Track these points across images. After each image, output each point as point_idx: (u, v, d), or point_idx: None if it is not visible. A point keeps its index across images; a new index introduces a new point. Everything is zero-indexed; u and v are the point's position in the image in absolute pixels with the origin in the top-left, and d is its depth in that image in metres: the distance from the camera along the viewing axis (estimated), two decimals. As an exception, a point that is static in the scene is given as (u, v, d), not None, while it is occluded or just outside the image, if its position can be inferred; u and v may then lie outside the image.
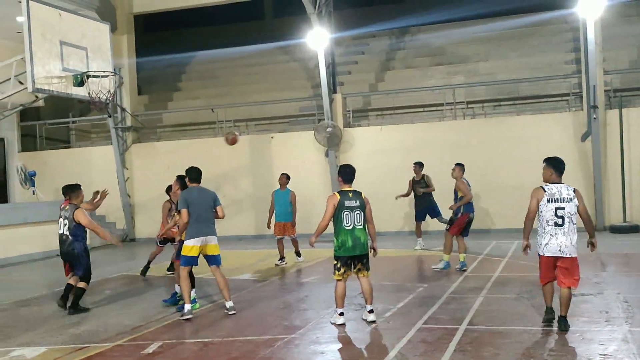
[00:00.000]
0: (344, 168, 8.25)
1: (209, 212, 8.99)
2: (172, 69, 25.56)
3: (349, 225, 7.81)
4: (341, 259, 7.83)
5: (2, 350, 7.54)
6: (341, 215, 7.81)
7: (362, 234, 7.87)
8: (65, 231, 9.71)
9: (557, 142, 17.33)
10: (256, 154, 19.87)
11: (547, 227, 7.30)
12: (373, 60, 23.09)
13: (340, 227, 7.81)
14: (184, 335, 7.97)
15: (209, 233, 8.92)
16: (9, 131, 21.88)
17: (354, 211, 7.87)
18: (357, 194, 8.02)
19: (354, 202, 7.90)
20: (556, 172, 7.71)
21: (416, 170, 15.10)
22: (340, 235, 7.81)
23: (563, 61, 20.11)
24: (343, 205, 7.83)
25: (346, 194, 7.94)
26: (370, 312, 7.96)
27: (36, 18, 10.93)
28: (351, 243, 7.78)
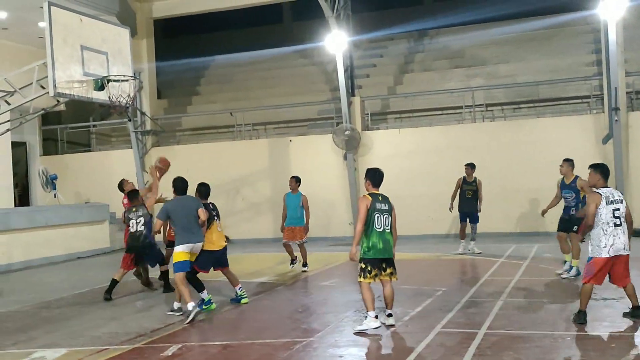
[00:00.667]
0: (373, 172, 8.13)
1: (193, 220, 9.14)
2: (191, 73, 25.70)
3: (380, 227, 7.72)
4: (371, 262, 7.73)
5: (23, 352, 7.62)
6: (373, 217, 7.72)
7: (391, 237, 7.83)
8: (140, 227, 10.80)
9: (577, 144, 17.17)
10: (275, 157, 19.91)
11: (609, 229, 7.53)
12: (391, 63, 23.04)
13: (372, 229, 7.71)
14: (203, 338, 8.00)
15: (196, 240, 9.17)
16: (31, 135, 22.15)
17: (384, 214, 7.80)
18: (385, 198, 7.97)
19: (384, 206, 7.83)
20: (603, 177, 7.95)
21: (468, 172, 14.55)
22: (372, 237, 7.71)
23: (584, 63, 19.92)
24: (375, 207, 7.75)
25: (377, 197, 7.87)
26: (389, 315, 7.90)
27: (58, 23, 11.03)
28: (382, 245, 7.71)
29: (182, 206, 9.21)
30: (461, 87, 19.77)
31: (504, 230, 17.45)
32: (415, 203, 18.31)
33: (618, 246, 7.52)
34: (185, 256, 9.04)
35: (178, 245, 9.05)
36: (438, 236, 17.86)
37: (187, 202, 9.30)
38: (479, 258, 13.72)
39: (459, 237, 14.99)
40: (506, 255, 13.83)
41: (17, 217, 16.34)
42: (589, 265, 7.66)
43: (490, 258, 13.50)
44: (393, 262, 7.91)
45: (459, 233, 14.81)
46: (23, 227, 16.16)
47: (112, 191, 20.70)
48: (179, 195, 9.38)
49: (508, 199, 17.49)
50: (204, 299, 9.19)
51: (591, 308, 8.41)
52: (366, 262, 7.75)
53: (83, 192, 21.46)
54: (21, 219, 16.32)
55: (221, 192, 19.78)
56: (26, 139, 22.02)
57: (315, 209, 18.48)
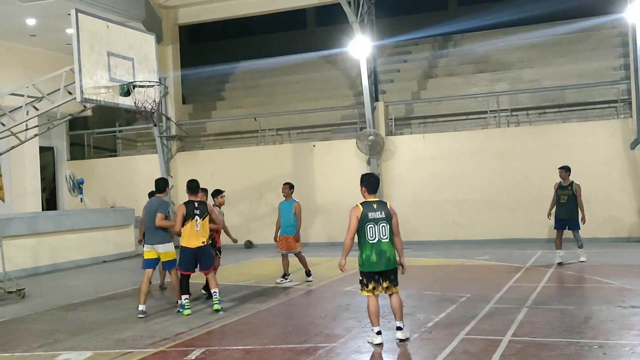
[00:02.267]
0: (367, 177, 7.71)
1: (153, 222, 9.83)
2: (216, 79, 25.89)
3: (373, 238, 7.30)
4: (366, 275, 7.38)
5: (49, 354, 7.72)
6: (365, 228, 7.31)
7: (389, 247, 7.35)
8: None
9: (604, 150, 16.97)
10: (298, 162, 19.95)
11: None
12: (415, 68, 22.97)
13: (364, 241, 7.33)
14: (226, 342, 8.03)
15: (154, 242, 9.85)
16: (58, 140, 22.49)
17: (379, 223, 7.33)
18: (382, 204, 7.48)
19: (378, 214, 7.36)
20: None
21: (562, 175, 13.64)
22: (365, 249, 7.33)
23: (611, 67, 19.67)
24: (366, 217, 7.33)
25: (370, 205, 7.42)
26: (398, 329, 7.47)
27: (85, 30, 11.17)
28: (376, 258, 7.28)
29: (149, 207, 10.08)
30: (486, 92, 19.64)
31: (529, 237, 17.27)
32: (440, 208, 18.23)
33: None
34: (149, 255, 9.91)
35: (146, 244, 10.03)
36: (462, 242, 17.73)
37: (154, 203, 10.08)
38: (504, 264, 13.58)
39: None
40: (531, 262, 13.68)
41: (45, 221, 16.57)
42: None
43: (515, 264, 13.37)
44: (391, 275, 7.40)
45: (555, 242, 13.51)
46: (50, 231, 16.38)
47: (138, 195, 20.98)
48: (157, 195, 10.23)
49: (533, 205, 17.29)
50: (182, 302, 9.61)
51: (619, 316, 8.30)
52: (362, 275, 7.43)
53: (109, 197, 21.72)
54: (48, 223, 16.55)
55: (245, 197, 19.93)
56: (54, 144, 22.37)
57: (338, 214, 18.52)
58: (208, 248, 9.75)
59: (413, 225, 18.25)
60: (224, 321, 9.08)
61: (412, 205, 18.28)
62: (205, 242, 9.66)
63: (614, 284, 10.60)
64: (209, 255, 9.78)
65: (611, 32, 21.30)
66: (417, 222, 18.19)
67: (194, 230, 9.61)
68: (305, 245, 18.01)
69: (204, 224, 9.68)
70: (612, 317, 8.29)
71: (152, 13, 19.92)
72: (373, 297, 7.38)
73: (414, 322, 8.50)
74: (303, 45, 25.66)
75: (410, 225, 18.44)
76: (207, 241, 9.72)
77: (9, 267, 12.99)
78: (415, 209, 18.17)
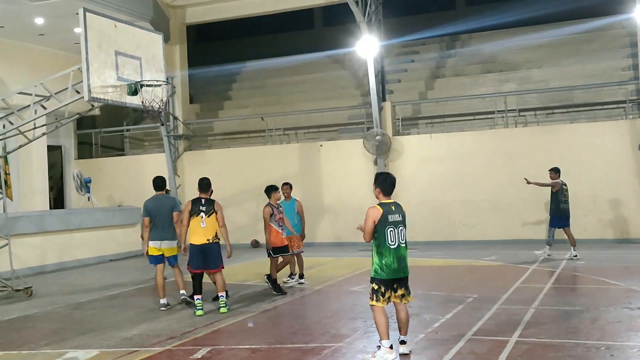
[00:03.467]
0: (383, 177, 7.03)
1: (167, 218, 10.25)
2: (223, 78, 25.92)
3: (393, 243, 6.72)
4: (384, 283, 6.74)
5: (56, 352, 7.74)
6: (385, 231, 6.70)
7: (406, 253, 6.87)
8: None
9: (612, 150, 16.89)
10: (305, 162, 19.95)
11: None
12: (423, 68, 22.94)
13: (385, 246, 6.71)
14: (232, 341, 8.03)
15: (165, 238, 10.19)
16: (66, 139, 22.57)
17: (398, 227, 6.77)
18: (399, 206, 6.91)
19: (397, 217, 6.80)
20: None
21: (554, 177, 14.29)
22: (385, 255, 6.71)
23: (620, 67, 19.59)
24: (387, 220, 6.72)
25: (388, 207, 6.82)
26: (402, 342, 6.97)
27: (93, 29, 11.19)
28: (397, 264, 6.73)
29: (160, 204, 10.34)
30: (493, 92, 19.59)
31: (536, 237, 17.21)
32: (447, 209, 18.20)
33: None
34: (155, 251, 10.21)
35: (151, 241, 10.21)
36: (469, 242, 17.69)
37: (165, 200, 10.45)
38: (511, 265, 13.55)
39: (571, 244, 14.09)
40: (538, 263, 13.64)
41: (52, 219, 16.63)
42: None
43: (522, 265, 13.33)
44: (407, 282, 6.94)
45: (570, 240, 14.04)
46: (57, 230, 16.44)
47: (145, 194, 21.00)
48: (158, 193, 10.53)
49: (541, 205, 17.25)
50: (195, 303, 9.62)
51: (626, 317, 8.26)
52: (379, 282, 6.76)
53: (116, 196, 21.77)
54: (56, 222, 16.60)
55: (251, 196, 19.93)
56: (61, 143, 22.45)
57: (345, 214, 18.57)
58: (215, 246, 9.71)
59: (420, 226, 18.21)
60: (230, 320, 9.10)
61: (419, 206, 18.24)
62: (210, 239, 9.64)
63: (621, 285, 10.55)
64: (216, 253, 9.73)
65: (620, 32, 21.22)
66: (424, 222, 18.16)
67: (199, 226, 9.62)
68: (312, 245, 18.04)
69: (210, 220, 9.67)
70: (619, 319, 8.26)
71: (160, 12, 19.97)
72: (383, 309, 6.76)
73: (421, 322, 8.49)
74: (310, 45, 25.67)
75: (417, 225, 18.40)
76: (214, 239, 9.71)
77: (17, 265, 13.04)
78: (422, 209, 18.14)
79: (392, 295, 6.83)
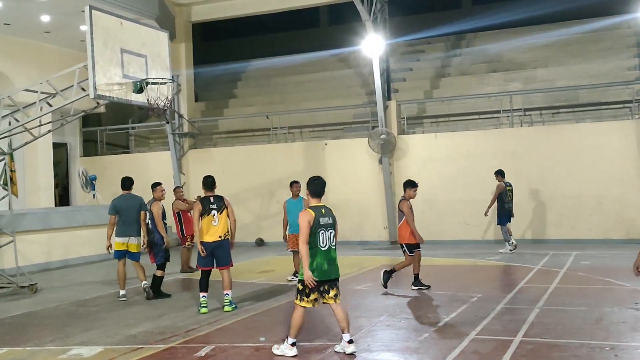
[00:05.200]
0: (312, 180, 7.25)
1: (133, 216, 10.96)
2: (228, 77, 25.94)
3: (324, 245, 6.88)
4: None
5: (60, 349, 7.77)
6: (317, 234, 6.85)
7: (336, 255, 7.03)
8: (148, 221, 11.17)
9: (618, 150, 16.84)
10: (310, 160, 19.94)
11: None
12: (428, 67, 22.92)
13: (316, 249, 6.85)
14: (236, 339, 8.04)
15: (132, 234, 10.93)
16: (71, 137, 22.62)
17: (329, 229, 6.94)
18: (329, 210, 7.08)
19: (328, 220, 6.97)
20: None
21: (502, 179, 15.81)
22: (316, 257, 6.85)
23: (625, 67, 19.53)
24: (319, 222, 6.87)
25: (319, 210, 6.96)
26: (349, 342, 6.99)
27: (98, 27, 11.22)
28: (327, 266, 6.88)
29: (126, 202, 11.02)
30: (499, 92, 19.56)
31: (541, 237, 17.19)
32: (451, 208, 18.17)
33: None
34: (120, 247, 10.92)
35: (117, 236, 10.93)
36: (474, 242, 17.67)
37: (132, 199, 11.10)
38: (516, 265, 13.52)
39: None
40: (543, 263, 13.61)
41: (57, 216, 16.67)
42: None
43: (527, 265, 13.30)
44: (338, 283, 7.08)
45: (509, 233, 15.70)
46: (62, 227, 16.47)
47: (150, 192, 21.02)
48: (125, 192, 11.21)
49: (545, 205, 17.24)
50: (200, 300, 9.68)
51: (631, 318, 8.24)
52: (305, 284, 6.87)
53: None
54: (61, 219, 16.64)
55: (256, 194, 19.96)
56: (67, 140, 22.50)
57: (350, 213, 18.55)
58: (226, 243, 9.69)
59: (425, 225, 18.14)
60: (234, 318, 9.11)
61: (424, 205, 18.19)
62: (222, 236, 9.62)
63: (626, 285, 10.51)
64: (226, 251, 9.72)
65: (626, 32, 21.16)
66: (428, 221, 18.11)
67: (211, 225, 9.60)
68: (316, 244, 18.05)
69: (222, 217, 9.65)
70: (624, 319, 8.23)
71: (166, 10, 20.00)
72: (304, 310, 6.96)
73: (425, 321, 8.49)
74: (315, 43, 25.69)
75: (422, 224, 18.33)
76: (225, 235, 9.70)
77: (22, 262, 13.09)
78: (426, 209, 18.11)
79: (325, 298, 6.99)
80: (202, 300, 9.61)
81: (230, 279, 9.76)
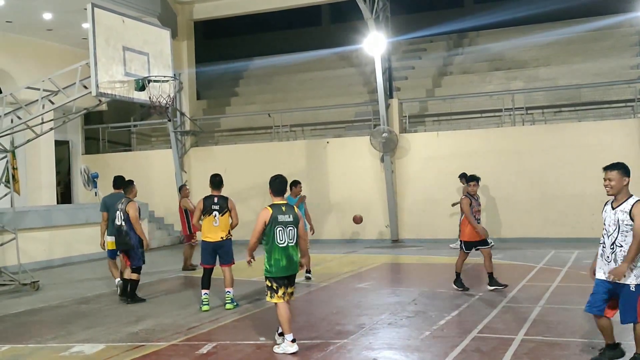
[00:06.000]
0: (273, 179, 7.47)
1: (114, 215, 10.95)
2: (230, 75, 25.94)
3: (282, 242, 7.13)
4: (276, 280, 7.15)
5: (62, 346, 7.78)
6: (274, 231, 7.10)
7: (295, 252, 7.24)
8: (122, 222, 10.53)
9: (620, 149, 16.76)
10: (311, 159, 19.95)
11: None
12: (430, 65, 22.89)
13: (273, 245, 7.12)
14: (237, 337, 8.05)
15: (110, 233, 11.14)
16: (73, 134, 22.62)
17: (288, 227, 7.16)
18: (290, 207, 7.32)
19: (287, 217, 7.18)
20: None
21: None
22: (274, 253, 7.13)
23: (628, 66, 19.50)
24: (276, 220, 7.11)
25: (279, 208, 7.22)
26: (292, 341, 7.13)
27: (101, 25, 11.21)
28: (285, 262, 7.14)
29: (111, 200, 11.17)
30: (501, 90, 19.53)
31: (543, 236, 17.17)
32: (454, 206, 18.13)
33: None
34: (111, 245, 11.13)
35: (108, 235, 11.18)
36: (475, 240, 17.62)
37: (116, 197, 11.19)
38: (518, 264, 13.51)
39: None
40: (545, 261, 13.60)
41: (59, 214, 16.69)
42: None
43: (529, 264, 13.30)
44: (294, 281, 7.35)
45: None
46: (64, 224, 16.49)
47: (152, 190, 21.08)
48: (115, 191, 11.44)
49: (548, 204, 17.22)
50: (202, 298, 9.67)
51: (632, 316, 8.21)
52: (270, 280, 7.18)
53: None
54: (63, 216, 16.66)
55: (258, 193, 19.92)
56: (69, 138, 22.51)
57: (351, 211, 18.46)
58: (228, 242, 9.77)
59: (426, 223, 18.22)
60: (235, 316, 9.12)
61: (426, 203, 18.24)
62: (224, 237, 9.70)
63: (629, 284, 10.48)
64: (228, 249, 9.80)
65: (628, 31, 21.12)
66: (430, 219, 18.14)
67: (212, 225, 9.69)
68: (318, 242, 18.06)
69: (224, 219, 9.71)
70: (626, 318, 8.21)
71: (168, 8, 19.99)
72: (284, 304, 7.16)
73: (427, 319, 8.50)
74: (317, 42, 25.67)
75: (424, 223, 18.41)
76: (228, 236, 9.76)
77: (24, 260, 13.10)
78: (428, 207, 18.13)
79: (286, 293, 7.20)
80: (203, 298, 9.63)
81: (232, 277, 9.78)
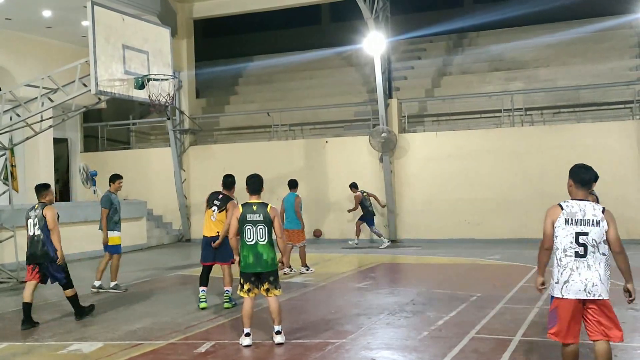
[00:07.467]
0: (249, 178, 7.70)
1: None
2: (230, 73, 25.91)
3: (250, 240, 7.37)
4: (243, 276, 7.45)
5: (60, 344, 7.78)
6: (243, 229, 7.39)
7: (265, 250, 7.37)
8: (37, 231, 9.19)
9: (619, 151, 16.83)
10: (310, 158, 19.94)
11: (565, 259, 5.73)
12: (430, 65, 22.89)
13: (242, 242, 7.43)
14: (236, 335, 8.04)
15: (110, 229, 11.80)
16: (72, 132, 22.60)
17: (257, 225, 7.37)
18: (262, 206, 7.47)
19: (257, 216, 7.39)
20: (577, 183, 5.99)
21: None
22: (242, 250, 7.43)
23: (627, 67, 19.51)
24: (245, 218, 7.39)
25: (250, 207, 7.44)
26: (277, 333, 7.47)
27: (100, 23, 11.22)
28: (253, 259, 7.35)
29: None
30: (500, 91, 19.54)
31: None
32: (452, 207, 18.16)
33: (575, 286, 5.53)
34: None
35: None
36: (474, 241, 17.66)
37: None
38: (516, 264, 13.53)
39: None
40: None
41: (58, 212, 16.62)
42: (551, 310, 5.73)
43: (527, 264, 13.30)
44: (270, 277, 7.43)
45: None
46: (62, 222, 16.25)
47: (150, 188, 21.07)
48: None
49: (546, 205, 17.10)
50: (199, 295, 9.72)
51: (631, 318, 8.23)
52: (240, 275, 7.52)
53: (122, 189, 21.74)
54: (61, 214, 16.26)
55: (257, 191, 19.93)
56: (68, 136, 22.48)
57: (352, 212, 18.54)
58: (225, 240, 9.68)
59: (425, 224, 18.22)
60: (234, 315, 9.11)
61: (425, 204, 18.24)
62: (219, 232, 9.67)
63: (626, 286, 10.50)
64: (227, 248, 9.68)
65: (628, 33, 21.13)
66: (429, 220, 18.15)
67: (210, 219, 9.81)
68: (317, 242, 18.09)
69: (220, 217, 9.72)
70: (623, 320, 8.17)
71: (167, 7, 19.97)
72: (248, 299, 7.46)
73: (425, 320, 8.50)
74: (317, 41, 25.64)
75: (422, 223, 18.41)
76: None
77: (22, 257, 13.02)
78: (427, 207, 18.13)
79: (254, 289, 7.44)
80: (201, 295, 9.63)
81: (231, 276, 9.77)
